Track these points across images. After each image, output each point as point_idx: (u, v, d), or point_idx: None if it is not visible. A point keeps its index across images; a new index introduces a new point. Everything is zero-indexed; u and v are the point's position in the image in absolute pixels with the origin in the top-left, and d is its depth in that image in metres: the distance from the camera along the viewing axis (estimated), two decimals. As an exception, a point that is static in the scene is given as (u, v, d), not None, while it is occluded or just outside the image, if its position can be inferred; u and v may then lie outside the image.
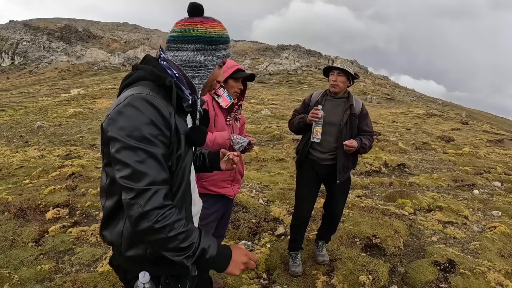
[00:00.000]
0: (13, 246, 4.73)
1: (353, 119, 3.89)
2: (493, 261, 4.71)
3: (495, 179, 9.11)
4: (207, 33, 1.72)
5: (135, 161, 1.52)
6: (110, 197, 1.70)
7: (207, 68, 1.77)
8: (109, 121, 1.59)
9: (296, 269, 4.25)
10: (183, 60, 1.75)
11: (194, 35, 1.72)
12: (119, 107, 1.59)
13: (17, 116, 17.63)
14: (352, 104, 3.93)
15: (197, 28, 1.72)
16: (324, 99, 3.99)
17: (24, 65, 79.97)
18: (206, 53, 1.74)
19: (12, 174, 8.15)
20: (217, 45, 1.75)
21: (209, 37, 1.73)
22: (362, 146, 3.80)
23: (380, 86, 45.27)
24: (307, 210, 4.19)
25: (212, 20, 1.76)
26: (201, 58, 1.74)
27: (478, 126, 21.48)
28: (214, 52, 1.75)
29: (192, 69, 1.76)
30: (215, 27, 1.74)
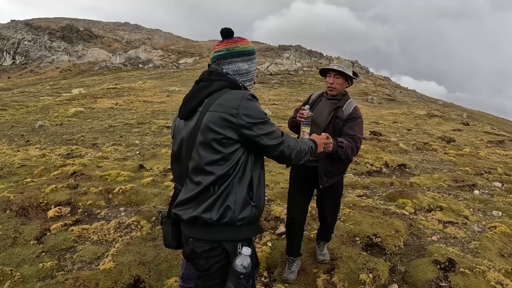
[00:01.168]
0: (15, 244, 4.75)
1: (336, 122, 3.72)
2: (493, 260, 4.72)
3: (496, 179, 9.11)
4: (246, 47, 2.41)
5: (272, 126, 2.31)
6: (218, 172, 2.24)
7: (251, 73, 2.45)
8: (240, 112, 2.21)
9: (288, 276, 4.16)
10: (234, 70, 2.40)
11: (238, 50, 2.38)
12: (243, 101, 2.23)
13: (19, 115, 17.66)
14: (340, 106, 3.77)
15: (238, 45, 2.39)
16: (319, 100, 3.96)
17: (25, 64, 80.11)
18: (249, 62, 2.42)
19: (14, 172, 8.19)
20: (253, 55, 2.44)
21: (248, 50, 2.42)
22: (339, 144, 3.47)
23: (381, 87, 45.21)
24: (298, 211, 4.09)
25: (243, 38, 2.44)
26: (246, 66, 2.41)
27: (479, 127, 21.45)
28: (253, 60, 2.44)
29: (242, 75, 2.41)
30: (248, 43, 2.43)
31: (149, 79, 41.67)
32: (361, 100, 30.00)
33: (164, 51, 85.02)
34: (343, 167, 3.93)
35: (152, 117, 16.76)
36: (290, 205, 4.17)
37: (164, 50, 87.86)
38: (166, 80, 40.88)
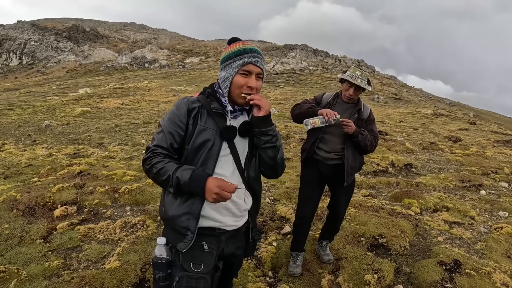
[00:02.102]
0: (21, 242, 4.78)
1: (360, 123, 3.91)
2: (499, 261, 4.70)
3: (503, 179, 9.07)
4: (225, 54, 2.32)
5: (156, 132, 2.33)
6: None
7: (227, 79, 2.29)
8: None
9: (294, 270, 4.26)
10: (219, 79, 2.37)
11: (221, 59, 2.37)
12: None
13: (25, 115, 17.75)
14: (360, 109, 3.97)
15: (222, 55, 2.36)
16: (335, 102, 4.02)
17: (32, 64, 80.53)
18: (226, 68, 2.30)
19: (21, 172, 8.23)
20: (231, 59, 2.28)
21: (225, 56, 2.32)
22: (361, 132, 3.82)
23: (388, 86, 45.07)
24: (309, 210, 4.20)
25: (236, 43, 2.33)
26: (224, 73, 2.31)
27: (486, 126, 21.32)
28: (230, 65, 2.29)
29: (221, 83, 2.33)
30: (231, 48, 2.31)
31: (155, 78, 41.75)
32: (367, 99, 29.92)
33: (170, 51, 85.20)
34: (362, 161, 4.15)
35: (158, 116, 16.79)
36: (302, 205, 4.22)
37: (170, 49, 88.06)
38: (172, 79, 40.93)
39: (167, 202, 2.29)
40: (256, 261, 4.51)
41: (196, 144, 2.26)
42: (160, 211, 2.38)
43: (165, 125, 2.29)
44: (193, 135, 2.26)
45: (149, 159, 2.23)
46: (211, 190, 2.11)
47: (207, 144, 2.26)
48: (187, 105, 2.30)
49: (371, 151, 4.03)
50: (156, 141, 2.28)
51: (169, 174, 2.16)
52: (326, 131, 3.92)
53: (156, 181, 2.26)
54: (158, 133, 2.30)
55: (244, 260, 4.44)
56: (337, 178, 4.02)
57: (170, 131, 2.26)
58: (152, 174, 2.24)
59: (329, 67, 58.72)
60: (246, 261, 4.45)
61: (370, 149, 3.95)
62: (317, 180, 4.13)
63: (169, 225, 2.33)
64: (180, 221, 2.24)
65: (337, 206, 4.25)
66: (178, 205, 2.24)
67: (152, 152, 2.25)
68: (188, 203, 2.23)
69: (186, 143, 2.28)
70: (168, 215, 2.27)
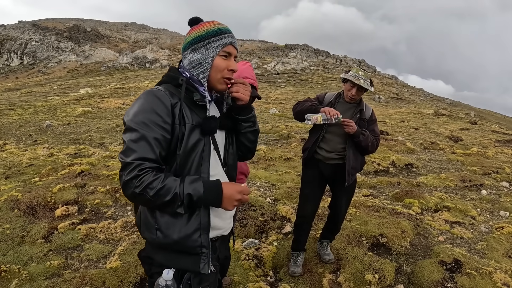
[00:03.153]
0: (22, 242, 4.79)
1: (362, 123, 3.90)
2: (499, 261, 4.70)
3: (503, 179, 9.07)
4: (198, 33, 1.95)
5: (130, 140, 1.77)
6: None
7: (205, 62, 1.94)
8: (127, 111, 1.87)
9: (295, 270, 4.27)
10: (187, 64, 1.99)
11: (189, 40, 1.97)
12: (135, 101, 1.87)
13: (26, 115, 17.78)
14: (362, 109, 3.96)
15: (191, 34, 1.98)
16: (337, 101, 4.02)
17: (33, 64, 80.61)
18: (201, 50, 1.94)
19: (22, 172, 8.25)
20: (208, 39, 1.93)
21: (199, 35, 1.94)
22: (362, 133, 3.80)
23: (388, 86, 45.12)
24: (310, 210, 4.20)
25: (204, 23, 1.99)
26: (198, 55, 1.95)
27: (487, 126, 21.33)
28: (207, 46, 1.93)
29: (195, 68, 1.97)
30: (205, 26, 1.96)
31: (156, 78, 41.72)
32: (368, 99, 29.92)
33: (171, 51, 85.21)
34: (362, 164, 4.13)
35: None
36: (303, 204, 4.22)
37: (171, 49, 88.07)
38: (173, 79, 40.93)
39: (164, 225, 1.85)
40: (257, 260, 4.52)
41: (189, 147, 1.87)
42: (151, 238, 1.89)
43: (144, 129, 1.77)
44: (184, 137, 1.85)
45: (138, 180, 1.72)
46: (231, 198, 1.86)
47: (199, 145, 1.90)
48: (168, 100, 1.84)
49: (372, 151, 4.03)
50: (138, 153, 1.75)
51: (175, 193, 1.75)
52: (327, 131, 3.92)
53: (154, 204, 1.78)
54: (135, 141, 1.76)
55: (245, 260, 4.45)
56: (338, 178, 4.02)
57: (156, 136, 1.78)
58: (146, 198, 1.74)
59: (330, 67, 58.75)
60: (247, 261, 4.46)
61: (371, 149, 3.95)
62: (318, 180, 4.13)
63: (173, 249, 1.90)
64: (191, 240, 1.88)
65: (338, 206, 4.25)
66: (183, 224, 1.86)
67: (140, 170, 1.73)
68: (194, 218, 1.88)
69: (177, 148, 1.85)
70: (173, 239, 1.85)
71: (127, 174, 1.74)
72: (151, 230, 1.88)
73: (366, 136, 3.82)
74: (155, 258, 1.95)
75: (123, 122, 1.85)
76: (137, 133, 1.77)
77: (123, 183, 1.76)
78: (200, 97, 1.93)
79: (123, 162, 1.77)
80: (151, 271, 1.98)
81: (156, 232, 1.86)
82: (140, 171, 1.73)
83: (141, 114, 1.80)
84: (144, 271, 2.11)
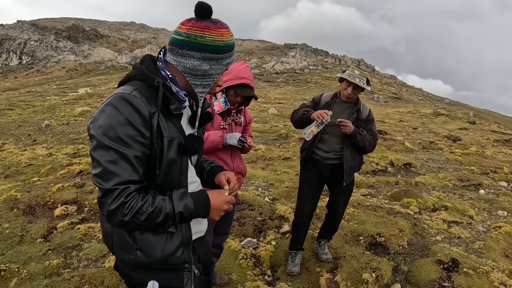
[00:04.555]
0: (22, 242, 4.80)
1: (359, 123, 3.91)
2: (497, 261, 4.72)
3: (502, 179, 9.09)
4: (215, 41, 1.66)
5: (107, 160, 1.53)
6: None
7: (211, 77, 1.74)
8: (92, 119, 1.60)
9: (293, 269, 4.28)
10: (187, 67, 1.70)
11: (202, 43, 1.65)
12: (102, 106, 1.60)
13: (25, 115, 17.78)
14: (359, 109, 3.96)
15: (205, 35, 1.64)
16: (334, 102, 4.03)
17: (32, 64, 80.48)
18: (212, 62, 1.69)
19: (21, 172, 8.25)
20: (223, 53, 1.70)
21: (217, 46, 1.66)
22: (360, 132, 3.79)
23: (387, 85, 45.14)
24: (308, 209, 4.21)
25: (221, 26, 1.68)
26: (206, 67, 1.70)
27: (486, 126, 21.36)
28: (219, 61, 1.71)
29: (196, 77, 1.72)
30: (223, 35, 1.68)
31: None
32: (367, 98, 29.95)
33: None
34: (360, 164, 4.14)
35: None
36: (301, 204, 4.23)
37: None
38: (172, 79, 40.92)
39: (144, 244, 1.71)
40: (255, 259, 4.53)
41: (168, 163, 1.68)
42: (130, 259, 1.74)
43: (122, 147, 1.53)
44: (164, 152, 1.65)
45: (126, 207, 1.54)
46: (219, 209, 1.79)
47: (178, 159, 1.73)
48: (146, 109, 1.59)
49: (370, 151, 4.05)
50: (120, 176, 1.53)
51: (166, 213, 1.62)
52: (324, 131, 3.94)
53: (143, 228, 1.65)
54: (114, 162, 1.53)
55: (243, 259, 4.47)
56: (336, 178, 4.04)
57: (136, 154, 1.57)
58: (137, 223, 1.58)
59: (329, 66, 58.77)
60: (245, 260, 4.47)
61: (369, 149, 3.96)
62: (316, 180, 4.14)
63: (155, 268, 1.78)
64: (175, 258, 1.77)
65: (336, 205, 4.27)
66: (166, 241, 1.74)
67: (126, 196, 1.54)
68: (176, 234, 1.76)
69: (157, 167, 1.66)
70: (156, 258, 1.73)
71: (111, 202, 1.53)
72: (130, 250, 1.72)
73: (364, 136, 3.83)
74: (133, 277, 1.82)
75: (89, 134, 1.58)
76: (114, 152, 1.53)
77: (108, 213, 1.55)
78: (177, 105, 1.71)
79: (103, 189, 1.53)
80: (132, 283, 1.86)
81: (135, 252, 1.71)
82: (127, 197, 1.54)
83: (115, 128, 1.53)
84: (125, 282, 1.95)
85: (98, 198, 1.57)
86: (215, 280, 3.92)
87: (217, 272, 4.06)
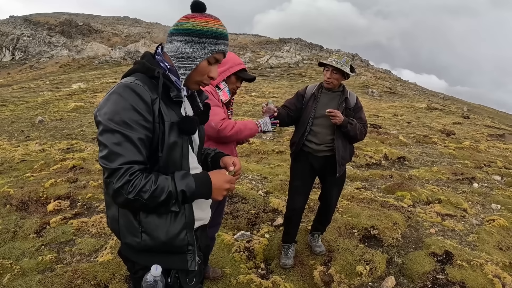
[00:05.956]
0: (15, 237, 4.78)
1: (348, 112, 3.89)
2: (491, 253, 4.74)
3: (495, 173, 9.13)
4: (198, 26, 1.78)
5: (113, 143, 1.63)
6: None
7: (193, 60, 1.81)
8: (98, 107, 1.71)
9: (286, 262, 4.29)
10: (173, 51, 1.82)
11: (185, 27, 1.79)
12: (107, 95, 1.73)
13: (19, 111, 17.67)
14: (347, 97, 3.94)
15: (190, 22, 1.79)
16: (320, 92, 4.01)
17: (25, 60, 80.00)
18: (194, 45, 1.80)
19: (14, 167, 8.20)
20: (207, 38, 1.80)
21: (199, 30, 1.78)
22: (350, 122, 3.79)
23: (382, 80, 45.13)
24: (301, 203, 4.19)
25: (208, 16, 1.82)
26: (189, 50, 1.80)
27: (480, 121, 21.42)
28: (202, 45, 1.80)
29: (179, 59, 1.82)
30: (208, 22, 1.80)
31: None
32: (361, 93, 29.98)
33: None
34: (352, 151, 4.13)
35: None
36: (292, 197, 4.21)
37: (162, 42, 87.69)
38: (166, 74, 40.79)
39: (150, 227, 1.77)
40: (248, 253, 4.53)
41: (169, 147, 1.78)
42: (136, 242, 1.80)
43: (127, 130, 1.64)
44: (165, 136, 1.75)
45: (130, 185, 1.62)
46: (220, 188, 1.84)
47: (179, 143, 1.82)
48: (148, 95, 1.71)
49: (361, 139, 4.05)
50: (125, 157, 1.63)
51: (169, 191, 1.68)
52: (314, 124, 3.92)
53: (148, 207, 1.70)
54: (119, 144, 1.63)
55: (237, 252, 4.47)
56: (329, 170, 4.02)
57: (140, 136, 1.67)
58: (141, 202, 1.65)
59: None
60: (239, 253, 4.47)
61: (360, 137, 3.97)
62: (308, 172, 4.13)
63: (159, 251, 1.84)
64: (179, 240, 1.84)
65: (329, 197, 4.26)
66: (170, 224, 1.80)
67: (131, 174, 1.62)
68: (180, 217, 1.83)
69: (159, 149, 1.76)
70: (161, 240, 1.80)
71: (117, 180, 1.61)
72: (135, 233, 1.79)
73: (354, 125, 3.82)
74: (137, 262, 1.89)
75: (96, 121, 1.70)
76: (120, 134, 1.63)
77: (114, 191, 1.63)
78: (177, 93, 1.82)
79: (109, 169, 1.63)
80: (135, 268, 1.93)
81: (141, 235, 1.78)
82: (131, 175, 1.62)
83: (120, 113, 1.64)
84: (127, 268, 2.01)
85: (104, 179, 1.66)
86: (208, 274, 3.91)
87: (211, 266, 4.05)
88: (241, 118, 14.56)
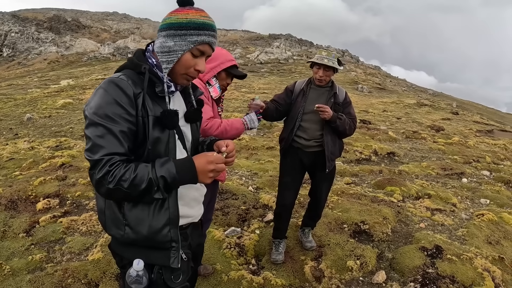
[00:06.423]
0: (4, 237, 4.73)
1: (337, 107, 3.90)
2: (480, 247, 4.79)
3: (484, 168, 9.21)
4: (179, 19, 1.78)
5: (96, 135, 1.67)
6: None
7: (175, 53, 1.80)
8: (87, 102, 1.75)
9: (277, 258, 4.29)
10: (157, 47, 1.84)
11: (168, 22, 1.81)
12: (95, 90, 1.76)
13: (7, 108, 17.49)
14: (336, 93, 3.95)
15: (172, 16, 1.81)
16: (309, 88, 4.01)
17: (12, 57, 79.05)
18: (176, 39, 1.79)
19: (2, 166, 8.13)
20: (187, 30, 1.78)
21: (179, 22, 1.78)
22: (339, 117, 3.79)
23: (372, 76, 45.32)
24: (291, 198, 4.20)
25: (191, 8, 1.81)
26: (171, 43, 1.80)
27: (469, 117, 21.60)
28: (183, 37, 1.79)
29: (163, 54, 1.82)
30: (189, 14, 1.79)
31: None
32: (351, 88, 30.08)
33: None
34: (341, 149, 4.13)
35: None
36: (282, 193, 4.21)
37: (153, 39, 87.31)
38: (155, 70, 40.61)
39: (133, 220, 1.80)
40: (239, 249, 4.52)
41: (154, 140, 1.79)
42: (120, 234, 1.83)
43: (109, 123, 1.67)
44: (149, 130, 1.76)
45: (110, 175, 1.64)
46: (205, 170, 1.76)
47: (164, 138, 1.82)
48: (131, 89, 1.73)
49: (350, 134, 4.05)
50: (106, 148, 1.65)
51: (149, 179, 1.66)
52: (303, 119, 3.93)
53: (130, 196, 1.69)
54: (101, 136, 1.67)
55: (227, 249, 4.46)
56: (318, 165, 4.03)
57: (122, 129, 1.69)
58: (122, 191, 1.65)
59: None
60: (229, 249, 4.47)
61: (349, 132, 3.97)
62: (297, 168, 4.13)
63: (142, 245, 1.85)
64: (161, 236, 1.84)
65: (318, 192, 4.27)
66: (152, 218, 1.81)
67: (111, 165, 1.64)
68: (163, 212, 1.83)
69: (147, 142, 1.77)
70: (143, 234, 1.81)
71: (98, 171, 1.64)
72: (119, 226, 1.83)
73: (343, 120, 3.83)
74: (123, 256, 1.92)
75: (84, 115, 1.74)
76: (102, 127, 1.67)
77: (96, 182, 1.66)
78: (162, 88, 1.83)
79: (91, 161, 1.66)
80: (122, 262, 1.95)
81: (124, 228, 1.81)
82: (111, 166, 1.64)
83: (104, 107, 1.69)
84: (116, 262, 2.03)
85: (89, 171, 1.69)
86: (199, 270, 3.90)
87: (202, 262, 4.05)
88: (231, 113, 14.55)
